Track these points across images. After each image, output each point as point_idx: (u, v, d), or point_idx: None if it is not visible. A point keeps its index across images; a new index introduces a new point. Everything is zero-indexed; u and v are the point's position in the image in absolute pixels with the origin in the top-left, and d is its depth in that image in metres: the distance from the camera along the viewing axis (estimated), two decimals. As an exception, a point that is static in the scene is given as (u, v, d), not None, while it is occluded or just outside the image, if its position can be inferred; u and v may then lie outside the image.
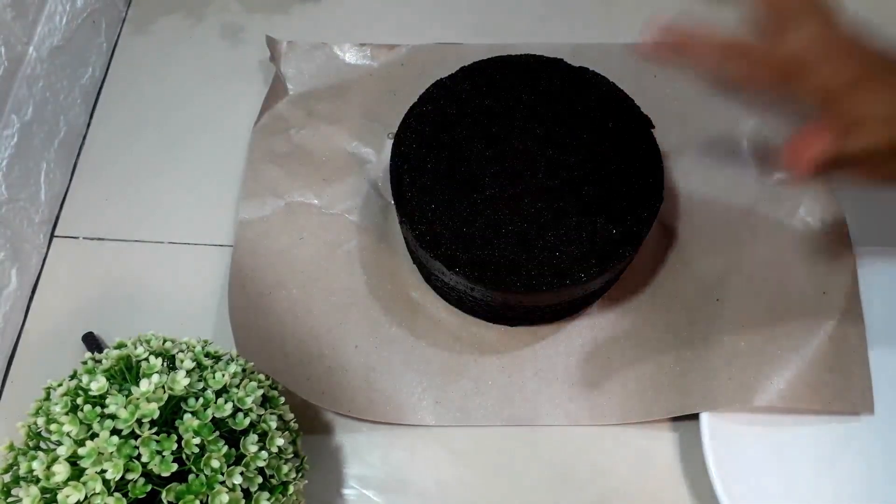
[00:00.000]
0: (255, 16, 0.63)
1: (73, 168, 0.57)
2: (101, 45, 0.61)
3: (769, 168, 0.54)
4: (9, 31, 0.48)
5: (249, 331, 0.48)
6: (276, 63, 0.58)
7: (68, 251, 0.54)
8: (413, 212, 0.45)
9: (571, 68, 0.48)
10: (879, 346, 0.47)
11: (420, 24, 0.62)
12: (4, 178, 0.49)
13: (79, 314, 0.51)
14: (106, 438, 0.31)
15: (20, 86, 0.50)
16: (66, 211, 0.55)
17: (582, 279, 0.42)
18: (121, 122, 0.59)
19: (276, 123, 0.56)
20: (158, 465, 0.31)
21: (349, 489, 0.45)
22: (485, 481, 0.46)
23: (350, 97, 0.57)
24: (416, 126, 0.47)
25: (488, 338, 0.49)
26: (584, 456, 0.46)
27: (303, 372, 0.47)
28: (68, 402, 0.33)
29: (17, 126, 0.50)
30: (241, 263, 0.51)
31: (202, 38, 0.62)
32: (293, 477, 0.36)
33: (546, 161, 0.45)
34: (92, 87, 0.60)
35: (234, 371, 0.37)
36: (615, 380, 0.47)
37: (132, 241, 0.54)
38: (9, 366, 0.49)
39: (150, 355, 0.36)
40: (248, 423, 0.35)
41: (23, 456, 0.33)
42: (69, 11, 0.55)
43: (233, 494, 0.32)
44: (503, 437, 0.47)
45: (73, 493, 0.30)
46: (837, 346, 0.46)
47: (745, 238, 0.51)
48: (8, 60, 0.48)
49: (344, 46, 0.59)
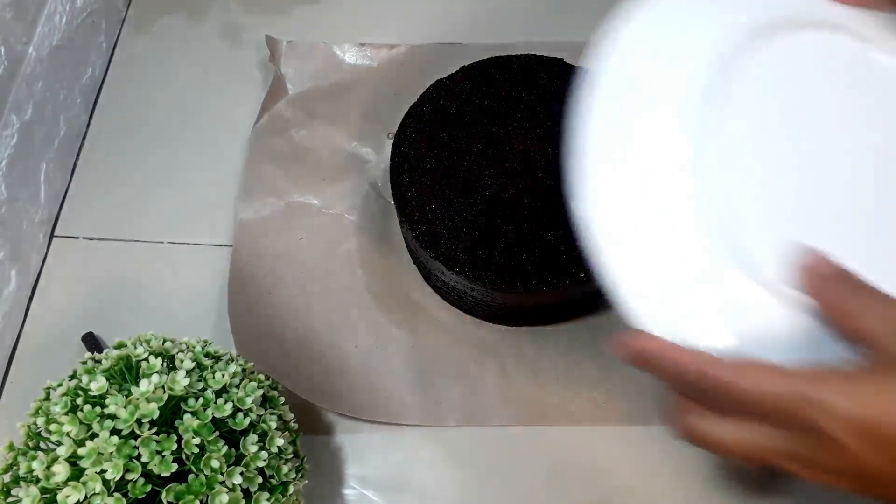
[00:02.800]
0: (255, 16, 0.63)
1: (73, 168, 0.57)
2: (101, 45, 0.61)
3: None
4: (9, 31, 0.48)
5: (249, 331, 0.48)
6: (276, 63, 0.58)
7: (68, 251, 0.54)
8: (413, 212, 0.45)
9: (571, 68, 0.48)
10: None
11: (420, 24, 0.62)
12: (4, 178, 0.49)
13: (79, 314, 0.51)
14: (106, 438, 0.31)
15: (20, 86, 0.50)
16: (66, 211, 0.55)
17: (582, 279, 0.42)
18: (120, 122, 0.59)
19: (276, 123, 0.56)
20: (158, 466, 0.31)
21: (349, 489, 0.45)
22: (485, 481, 0.46)
23: (350, 97, 0.57)
24: (416, 126, 0.47)
25: (488, 338, 0.49)
26: (584, 456, 0.46)
27: (303, 372, 0.47)
28: (68, 403, 0.33)
29: (16, 126, 0.50)
30: (241, 263, 0.51)
31: (202, 39, 0.62)
32: (293, 477, 0.36)
33: (546, 161, 0.45)
34: (92, 86, 0.60)
35: (234, 371, 0.37)
36: (616, 381, 0.47)
37: (132, 241, 0.54)
38: (9, 366, 0.49)
39: (149, 355, 0.36)
40: (248, 423, 0.35)
41: (22, 456, 0.33)
42: (69, 11, 0.55)
43: (233, 494, 0.32)
44: (503, 437, 0.47)
45: (73, 493, 0.30)
46: None
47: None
48: (8, 60, 0.48)
49: (344, 46, 0.59)
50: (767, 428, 0.27)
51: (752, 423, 0.27)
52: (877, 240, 0.31)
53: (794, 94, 0.33)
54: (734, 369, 0.27)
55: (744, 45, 0.33)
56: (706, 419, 0.28)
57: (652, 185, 0.31)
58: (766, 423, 0.27)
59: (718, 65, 0.32)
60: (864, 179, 0.33)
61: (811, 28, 0.34)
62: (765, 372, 0.26)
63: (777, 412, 0.26)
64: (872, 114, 0.34)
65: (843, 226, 0.31)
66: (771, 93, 0.33)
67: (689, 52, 0.33)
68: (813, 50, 0.34)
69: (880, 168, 0.33)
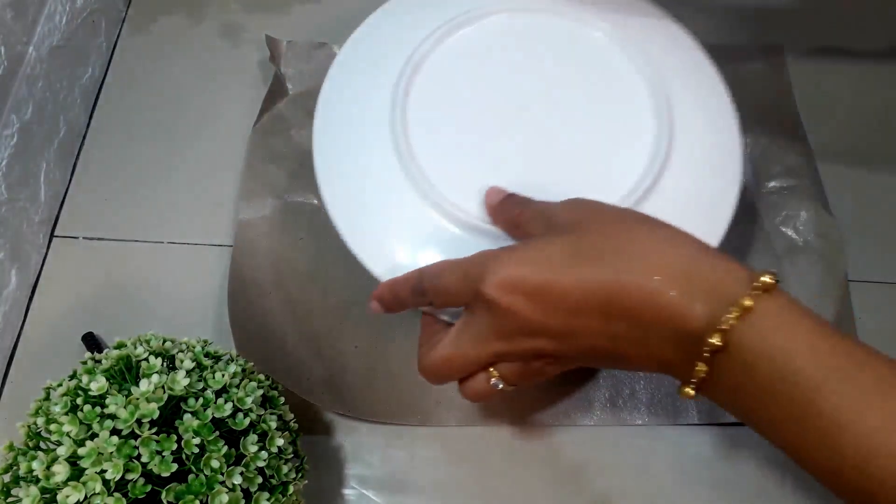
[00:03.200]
0: (255, 16, 0.63)
1: (73, 168, 0.57)
2: (101, 45, 0.61)
3: None
4: (9, 31, 0.48)
5: (249, 331, 0.48)
6: (275, 63, 0.58)
7: (68, 251, 0.54)
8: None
9: None
10: None
11: (420, 24, 0.62)
12: (4, 178, 0.49)
13: (79, 314, 0.51)
14: (106, 438, 0.31)
15: (20, 86, 0.50)
16: (66, 211, 0.55)
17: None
18: (120, 122, 0.59)
19: (276, 123, 0.56)
20: (158, 465, 0.31)
21: (349, 489, 0.45)
22: (485, 481, 0.46)
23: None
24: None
25: (488, 338, 0.49)
26: (584, 456, 0.46)
27: (303, 372, 0.47)
28: (68, 403, 0.33)
29: (16, 126, 0.50)
30: (241, 263, 0.51)
31: (202, 38, 0.62)
32: (293, 477, 0.36)
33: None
34: (92, 87, 0.60)
35: (234, 371, 0.37)
36: (614, 381, 0.47)
37: (132, 241, 0.54)
38: (8, 366, 0.49)
39: (149, 355, 0.36)
40: (248, 424, 0.35)
41: (22, 456, 0.33)
42: (69, 11, 0.55)
43: (233, 494, 0.32)
44: (503, 437, 0.47)
45: (73, 493, 0.30)
46: None
47: (742, 244, 0.51)
48: (8, 60, 0.48)
49: (344, 46, 0.59)
50: (476, 329, 0.33)
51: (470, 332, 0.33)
52: (571, 166, 0.41)
53: (492, 62, 0.43)
54: (430, 270, 0.35)
55: (436, 38, 0.43)
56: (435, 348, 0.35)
57: (369, 162, 0.40)
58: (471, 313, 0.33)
59: (415, 56, 0.42)
60: (555, 123, 0.41)
61: (515, 12, 0.44)
62: (451, 264, 0.34)
63: (461, 292, 0.33)
64: (573, 75, 0.43)
65: (537, 157, 0.40)
66: (462, 65, 0.43)
67: (393, 51, 0.43)
68: (515, 26, 0.44)
69: (573, 112, 0.42)
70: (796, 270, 0.50)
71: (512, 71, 0.43)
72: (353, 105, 0.42)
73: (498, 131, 0.41)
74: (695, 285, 0.29)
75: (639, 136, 0.41)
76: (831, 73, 0.60)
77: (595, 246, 0.31)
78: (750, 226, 0.52)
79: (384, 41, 0.44)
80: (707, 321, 0.28)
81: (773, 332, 0.28)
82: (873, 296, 0.51)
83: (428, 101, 0.41)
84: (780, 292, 0.29)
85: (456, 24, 0.43)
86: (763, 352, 0.28)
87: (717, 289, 0.29)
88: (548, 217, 0.34)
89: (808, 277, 0.50)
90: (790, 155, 0.55)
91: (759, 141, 0.55)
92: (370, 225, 0.39)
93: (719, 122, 0.43)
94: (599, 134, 0.41)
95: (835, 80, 0.60)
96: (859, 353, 0.27)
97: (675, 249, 0.30)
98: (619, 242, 0.30)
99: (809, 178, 0.54)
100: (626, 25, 0.44)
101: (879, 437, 0.26)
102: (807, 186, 0.53)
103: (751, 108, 0.56)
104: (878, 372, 0.27)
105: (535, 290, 0.31)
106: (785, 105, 0.58)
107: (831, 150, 0.56)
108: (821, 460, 0.27)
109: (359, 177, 0.40)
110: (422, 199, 0.39)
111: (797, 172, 0.54)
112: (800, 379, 0.27)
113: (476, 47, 0.43)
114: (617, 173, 0.40)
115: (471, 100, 0.42)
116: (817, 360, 0.27)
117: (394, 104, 0.41)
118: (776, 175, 0.54)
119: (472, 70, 0.43)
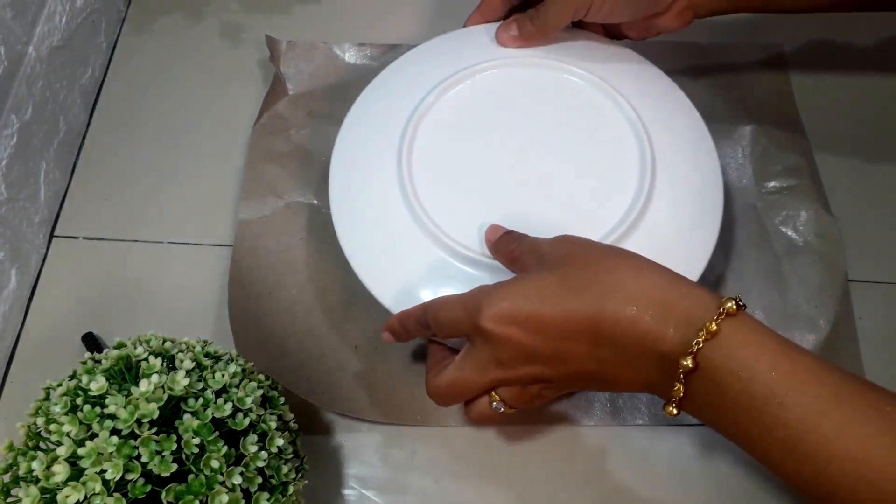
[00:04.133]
0: (255, 16, 0.63)
1: (73, 168, 0.57)
2: (101, 45, 0.61)
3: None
4: (8, 31, 0.48)
5: (249, 331, 0.48)
6: (275, 63, 0.58)
7: (68, 251, 0.54)
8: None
9: None
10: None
11: (420, 24, 0.62)
12: (4, 178, 0.49)
13: (78, 314, 0.51)
14: (105, 438, 0.31)
15: (20, 86, 0.50)
16: (66, 211, 0.55)
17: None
18: (120, 122, 0.59)
19: (276, 123, 0.56)
20: (158, 466, 0.31)
21: (349, 489, 0.45)
22: (485, 481, 0.46)
23: (350, 97, 0.57)
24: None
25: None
26: (584, 456, 0.46)
27: (303, 372, 0.47)
28: (68, 403, 0.33)
29: (16, 126, 0.50)
30: (241, 263, 0.51)
31: (202, 38, 0.62)
32: (293, 477, 0.36)
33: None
34: (92, 87, 0.60)
35: (234, 371, 0.37)
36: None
37: (132, 241, 0.54)
38: (8, 366, 0.49)
39: (149, 355, 0.36)
40: (248, 424, 0.35)
41: (22, 456, 0.33)
42: (69, 11, 0.55)
43: (232, 495, 0.32)
44: (503, 437, 0.47)
45: (73, 493, 0.30)
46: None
47: (742, 244, 0.51)
48: (8, 60, 0.48)
49: (344, 46, 0.59)
50: (478, 357, 0.35)
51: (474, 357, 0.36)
52: (564, 201, 0.43)
53: (487, 113, 0.46)
54: (433, 305, 0.37)
55: (437, 90, 0.46)
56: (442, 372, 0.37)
57: (382, 213, 0.43)
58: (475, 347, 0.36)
59: (418, 111, 0.46)
60: (547, 165, 0.45)
61: (505, 67, 0.47)
62: (451, 299, 0.36)
63: (461, 324, 0.35)
64: (562, 121, 0.46)
65: (531, 196, 0.44)
66: (460, 117, 0.46)
67: (398, 104, 0.47)
68: (506, 79, 0.47)
69: (562, 153, 0.45)
70: (796, 270, 0.50)
71: (505, 119, 0.46)
72: (364, 163, 0.46)
73: (495, 174, 0.44)
74: (668, 312, 0.32)
75: (623, 173, 0.44)
76: (831, 73, 0.60)
77: (580, 279, 0.33)
78: (750, 226, 0.52)
79: (388, 98, 0.48)
80: (679, 344, 0.31)
81: (737, 351, 0.30)
82: (873, 296, 0.50)
83: (430, 152, 0.45)
84: (745, 316, 0.31)
85: (453, 81, 0.47)
86: (730, 370, 0.30)
87: (687, 314, 0.31)
88: (539, 253, 0.36)
89: (808, 277, 0.50)
90: (790, 155, 0.55)
91: (759, 141, 0.55)
92: (385, 268, 0.43)
93: (699, 156, 0.46)
94: (587, 173, 0.44)
95: (835, 80, 0.60)
96: (818, 369, 0.30)
97: (650, 280, 0.33)
98: (601, 275, 0.33)
99: (809, 178, 0.54)
100: (609, 72, 0.47)
101: (837, 444, 0.28)
102: (807, 186, 0.53)
103: (751, 109, 0.57)
104: (836, 384, 0.30)
105: (527, 321, 0.33)
106: (785, 105, 0.58)
107: (831, 151, 0.56)
108: (786, 466, 0.30)
109: (373, 227, 0.44)
110: (430, 240, 0.42)
111: (797, 172, 0.54)
112: (765, 393, 0.30)
113: (472, 100, 0.47)
114: (604, 209, 0.43)
115: (469, 147, 0.45)
116: (780, 375, 0.30)
117: (399, 157, 0.44)
118: (776, 175, 0.54)
119: (469, 121, 0.46)
